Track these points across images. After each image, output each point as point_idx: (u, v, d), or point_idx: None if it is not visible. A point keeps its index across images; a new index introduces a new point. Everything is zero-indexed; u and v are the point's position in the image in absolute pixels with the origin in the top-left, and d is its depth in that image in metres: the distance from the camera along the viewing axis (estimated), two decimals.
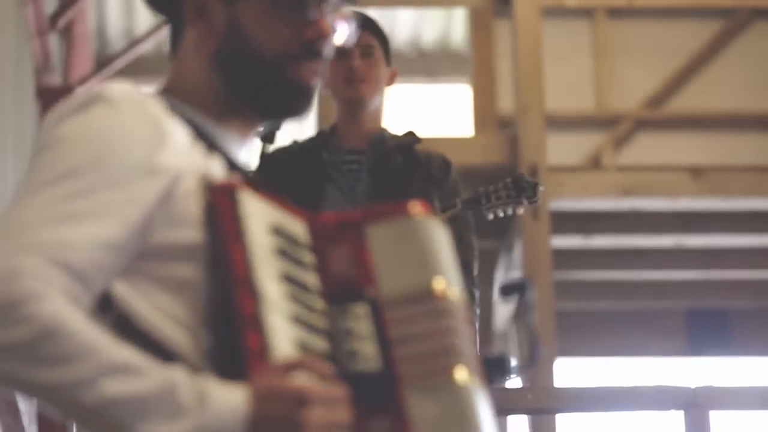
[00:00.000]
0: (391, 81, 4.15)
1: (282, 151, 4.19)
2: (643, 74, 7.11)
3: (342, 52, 4.05)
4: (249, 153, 1.75)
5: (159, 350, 1.52)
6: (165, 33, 6.73)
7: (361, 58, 4.03)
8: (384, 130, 4.10)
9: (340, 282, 1.59)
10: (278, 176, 4.05)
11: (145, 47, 7.29)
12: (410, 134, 4.18)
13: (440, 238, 1.64)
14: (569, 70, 7.01)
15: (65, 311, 1.45)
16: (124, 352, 1.46)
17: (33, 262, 1.45)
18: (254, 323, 1.49)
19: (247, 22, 1.68)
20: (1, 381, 1.46)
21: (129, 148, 1.54)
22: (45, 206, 1.49)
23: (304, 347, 1.53)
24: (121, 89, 1.58)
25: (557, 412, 5.11)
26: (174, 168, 1.56)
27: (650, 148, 6.97)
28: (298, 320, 1.55)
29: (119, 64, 7.07)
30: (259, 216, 1.57)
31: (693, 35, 7.11)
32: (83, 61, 7.68)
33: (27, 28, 6.14)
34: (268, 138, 3.46)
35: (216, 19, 1.69)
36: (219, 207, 1.55)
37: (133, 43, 7.23)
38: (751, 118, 7.07)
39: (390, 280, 1.59)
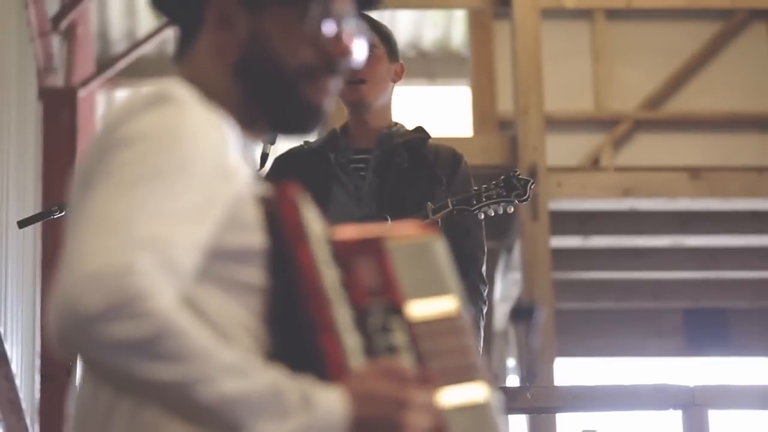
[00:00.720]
0: (398, 77, 4.15)
1: (292, 152, 4.21)
2: (641, 75, 7.14)
3: None
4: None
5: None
6: (167, 35, 6.77)
7: None
8: (393, 126, 4.10)
9: (369, 294, 1.62)
10: (288, 177, 4.07)
11: (147, 49, 7.32)
12: (419, 130, 4.19)
13: (447, 258, 1.69)
14: (568, 71, 7.03)
15: (176, 309, 1.47)
16: (232, 353, 1.48)
17: (144, 258, 1.46)
18: (331, 327, 1.54)
19: (271, 35, 1.69)
20: (114, 377, 1.47)
21: (207, 149, 1.56)
22: (144, 203, 1.49)
23: (364, 353, 1.57)
24: (183, 90, 1.60)
25: (556, 412, 5.13)
26: (237, 171, 1.59)
27: (649, 149, 6.99)
28: (353, 327, 1.58)
29: (121, 65, 7.10)
30: (315, 223, 1.61)
31: (691, 36, 7.14)
32: (85, 63, 7.71)
33: (29, 30, 6.16)
34: (270, 139, 3.47)
35: (240, 29, 1.69)
36: (284, 212, 1.59)
37: (135, 44, 7.26)
38: (749, 119, 7.09)
39: (413, 296, 1.63)
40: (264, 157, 3.68)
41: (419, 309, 1.63)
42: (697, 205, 6.40)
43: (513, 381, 6.82)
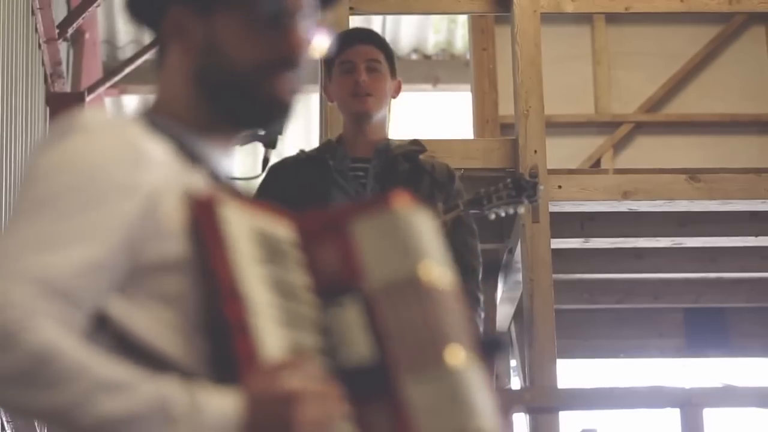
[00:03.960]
0: (396, 93, 4.24)
1: (289, 161, 4.28)
2: (641, 78, 7.18)
3: (349, 67, 4.16)
4: (232, 162, 1.80)
5: (157, 363, 1.55)
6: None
7: (367, 73, 4.13)
8: (389, 140, 4.19)
9: (329, 278, 1.63)
10: (286, 185, 4.14)
11: (154, 54, 7.37)
12: (415, 142, 4.26)
13: (424, 226, 1.68)
14: (569, 75, 7.09)
15: (56, 336, 1.47)
16: (115, 369, 1.48)
17: (20, 289, 1.47)
18: (242, 329, 1.54)
19: (223, 38, 1.71)
20: (7, 409, 1.50)
21: (106, 170, 1.57)
22: (28, 233, 1.51)
23: (296, 347, 1.57)
24: (95, 116, 1.63)
25: (554, 412, 5.19)
26: (154, 185, 1.59)
27: (648, 151, 7.04)
28: (289, 322, 1.59)
29: (128, 70, 7.15)
30: (241, 225, 1.61)
31: (690, 40, 7.18)
32: (93, 68, 7.78)
33: (37, 36, 6.22)
34: (270, 144, 3.51)
35: (194, 36, 1.72)
36: (201, 220, 1.59)
37: (142, 50, 7.31)
38: (747, 121, 7.14)
39: (377, 272, 1.62)
40: (265, 162, 3.77)
41: (381, 284, 1.61)
42: (696, 207, 6.44)
43: (515, 382, 6.86)
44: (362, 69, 4.13)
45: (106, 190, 1.56)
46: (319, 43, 1.78)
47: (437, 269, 1.65)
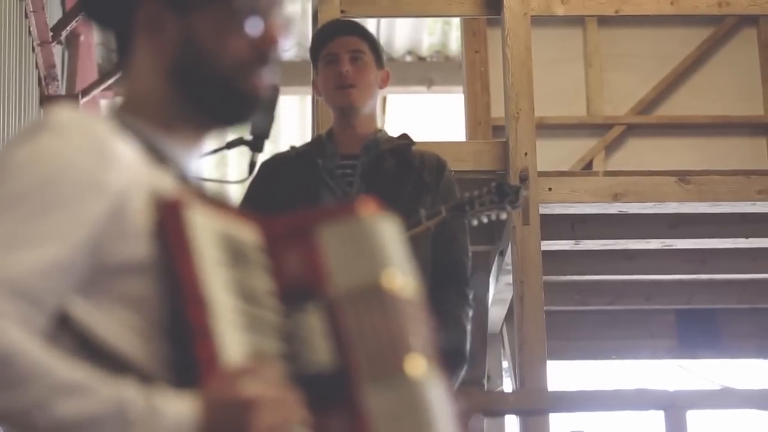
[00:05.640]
0: (383, 83, 4.23)
1: (279, 158, 4.28)
2: (633, 80, 7.20)
3: (332, 59, 4.16)
4: (200, 161, 1.79)
5: (118, 365, 1.55)
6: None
7: (351, 63, 4.12)
8: (378, 132, 4.18)
9: (293, 284, 1.63)
10: (275, 183, 4.14)
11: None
12: (404, 137, 4.26)
13: (389, 234, 1.68)
14: (561, 77, 7.11)
15: (17, 337, 1.47)
16: (75, 372, 1.48)
17: None
18: (204, 333, 1.54)
19: (201, 35, 1.70)
20: None
21: (72, 171, 1.56)
22: None
23: (257, 352, 1.57)
24: (67, 115, 1.61)
25: (539, 414, 5.21)
26: (121, 186, 1.59)
27: (639, 153, 7.06)
28: (251, 326, 1.59)
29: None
30: (206, 228, 1.61)
31: (682, 42, 7.20)
32: (88, 71, 7.80)
33: (31, 39, 6.24)
34: (257, 148, 3.52)
35: (170, 32, 1.71)
36: (165, 223, 1.59)
37: None
38: (738, 124, 7.16)
39: (341, 279, 1.62)
40: (252, 165, 3.78)
41: (344, 291, 1.62)
42: (686, 209, 6.46)
43: (507, 383, 6.89)
44: (345, 60, 4.12)
45: (73, 190, 1.55)
46: (287, 39, 1.78)
47: (401, 278, 1.65)
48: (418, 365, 1.60)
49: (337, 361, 1.60)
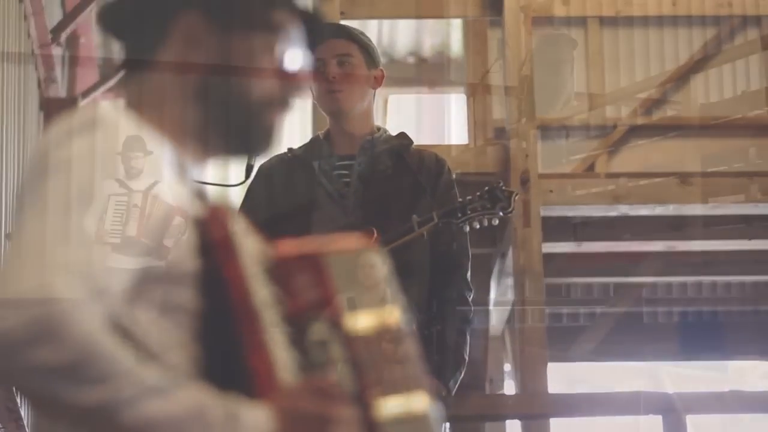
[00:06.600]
0: (377, 83, 4.20)
1: (276, 159, 4.27)
2: (635, 82, 7.18)
3: (320, 64, 4.14)
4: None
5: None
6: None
7: (338, 67, 4.11)
8: (376, 132, 4.16)
9: (308, 308, 1.65)
10: (272, 184, 4.13)
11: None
12: (402, 136, 4.24)
13: (386, 269, 1.71)
14: (561, 78, 7.09)
15: (100, 331, 1.47)
16: (156, 373, 1.49)
17: (65, 281, 1.46)
18: (261, 346, 1.57)
19: (238, 57, 1.67)
20: (41, 403, 1.48)
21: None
22: (64, 228, 1.50)
23: (296, 369, 1.60)
24: (117, 113, 1.62)
25: (538, 419, 5.20)
26: (165, 198, 1.60)
27: (641, 155, 7.03)
28: (288, 343, 1.62)
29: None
30: (246, 243, 1.63)
31: (684, 43, 7.18)
32: (88, 73, 7.78)
33: (30, 41, 6.23)
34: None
35: (206, 50, 1.67)
36: (214, 233, 1.60)
37: None
38: (741, 125, 7.13)
39: (352, 309, 1.66)
40: (249, 168, 3.75)
41: (358, 321, 1.66)
42: (688, 211, 6.44)
43: (509, 386, 6.88)
44: (332, 64, 4.10)
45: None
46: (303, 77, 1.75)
47: (400, 313, 1.69)
48: (425, 399, 1.66)
49: (357, 388, 1.62)
